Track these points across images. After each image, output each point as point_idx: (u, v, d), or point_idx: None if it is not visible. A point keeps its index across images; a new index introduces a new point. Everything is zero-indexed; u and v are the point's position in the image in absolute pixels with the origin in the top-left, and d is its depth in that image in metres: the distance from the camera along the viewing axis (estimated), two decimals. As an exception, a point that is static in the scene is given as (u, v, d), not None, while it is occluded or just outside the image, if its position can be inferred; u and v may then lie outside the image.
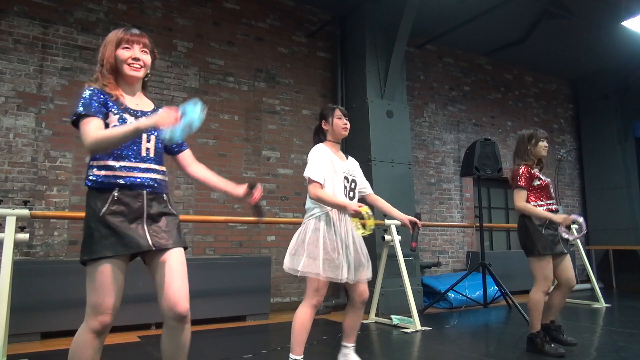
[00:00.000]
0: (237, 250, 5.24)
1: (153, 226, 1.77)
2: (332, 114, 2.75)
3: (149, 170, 1.79)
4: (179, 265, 1.78)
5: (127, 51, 1.80)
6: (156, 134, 1.82)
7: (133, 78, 1.83)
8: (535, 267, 3.27)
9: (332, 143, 2.76)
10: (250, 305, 4.66)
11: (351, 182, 2.71)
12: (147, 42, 1.85)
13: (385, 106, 5.69)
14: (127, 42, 1.80)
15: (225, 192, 2.08)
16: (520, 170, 3.36)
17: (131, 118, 1.77)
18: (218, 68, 5.45)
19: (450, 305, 5.52)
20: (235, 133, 5.45)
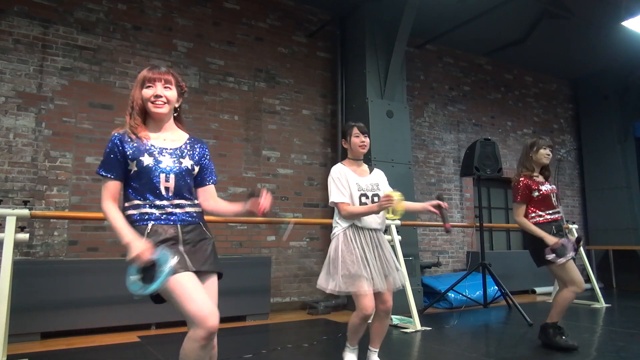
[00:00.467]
0: (237, 250, 5.24)
1: (189, 248, 1.82)
2: (351, 132, 2.79)
3: (175, 206, 1.85)
4: (212, 291, 1.85)
5: (150, 89, 1.85)
6: (177, 173, 1.86)
7: (158, 115, 1.88)
8: (560, 274, 3.32)
9: (353, 161, 2.82)
10: (250, 305, 4.66)
11: (372, 198, 2.72)
12: (170, 79, 1.89)
13: (385, 106, 5.69)
14: (150, 80, 1.86)
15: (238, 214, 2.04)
16: (519, 184, 3.41)
17: (150, 159, 1.82)
18: (218, 68, 5.45)
19: (450, 305, 5.52)
20: (235, 133, 5.45)
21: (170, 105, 1.90)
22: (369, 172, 2.85)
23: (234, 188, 5.35)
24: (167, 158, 1.86)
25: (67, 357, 3.32)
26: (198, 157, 1.97)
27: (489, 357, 3.28)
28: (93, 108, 4.70)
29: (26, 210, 3.15)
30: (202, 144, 2.04)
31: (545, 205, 3.39)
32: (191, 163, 1.92)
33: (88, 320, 3.88)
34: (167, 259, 1.64)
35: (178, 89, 1.93)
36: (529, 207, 3.40)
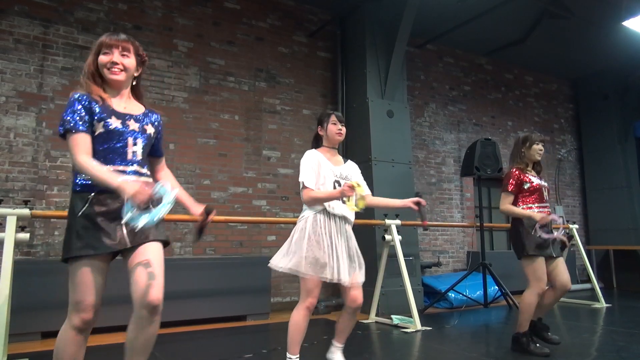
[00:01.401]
0: (238, 250, 5.24)
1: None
2: (328, 119, 2.77)
3: (134, 173, 1.82)
4: (156, 257, 1.78)
5: (107, 56, 1.82)
6: (143, 138, 1.86)
7: (115, 82, 1.85)
8: (527, 269, 3.26)
9: (328, 148, 2.79)
10: (251, 305, 4.66)
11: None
12: (128, 46, 1.86)
13: (385, 106, 5.69)
14: (107, 46, 1.83)
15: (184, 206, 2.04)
16: (510, 173, 3.38)
17: (117, 121, 1.80)
18: (218, 68, 5.45)
19: (451, 305, 5.51)
20: (235, 133, 5.45)
21: (128, 73, 1.86)
22: (343, 162, 2.83)
23: (234, 188, 5.34)
24: (132, 123, 1.85)
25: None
26: (157, 126, 1.97)
27: (489, 357, 3.28)
28: (93, 108, 4.70)
29: (27, 209, 3.15)
30: (157, 114, 2.02)
31: (534, 198, 3.33)
32: (153, 130, 1.93)
33: (88, 320, 3.87)
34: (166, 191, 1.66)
35: (137, 58, 1.90)
36: (518, 200, 3.34)
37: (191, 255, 4.96)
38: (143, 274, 1.72)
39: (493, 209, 7.92)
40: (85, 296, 1.72)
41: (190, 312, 4.33)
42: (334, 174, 2.69)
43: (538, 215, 3.23)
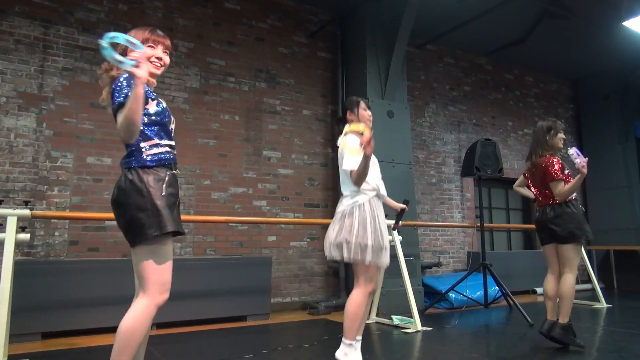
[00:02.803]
0: (238, 250, 5.24)
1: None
2: (358, 105, 2.83)
3: (172, 147, 1.98)
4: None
5: (152, 50, 1.94)
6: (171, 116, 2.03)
7: (153, 75, 1.98)
8: (572, 253, 3.27)
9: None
10: (251, 306, 4.66)
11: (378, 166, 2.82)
12: (169, 44, 2.03)
13: (385, 106, 5.69)
14: (153, 41, 1.96)
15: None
16: (553, 161, 3.34)
17: (163, 102, 1.98)
18: (219, 68, 5.45)
19: (451, 306, 5.51)
20: (235, 133, 5.45)
21: (164, 68, 2.02)
22: None
23: (234, 188, 5.34)
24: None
25: (68, 357, 3.32)
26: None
27: (489, 357, 3.28)
28: (94, 108, 4.70)
29: (27, 210, 3.15)
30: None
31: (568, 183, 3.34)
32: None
33: (89, 320, 3.88)
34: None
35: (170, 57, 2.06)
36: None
37: (191, 255, 4.96)
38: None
39: (493, 209, 7.92)
40: (169, 276, 1.85)
41: (191, 313, 4.33)
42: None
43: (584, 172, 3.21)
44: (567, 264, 3.30)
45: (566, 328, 3.31)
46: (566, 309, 3.31)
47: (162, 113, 1.92)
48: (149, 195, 1.80)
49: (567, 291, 3.28)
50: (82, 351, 3.44)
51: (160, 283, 1.82)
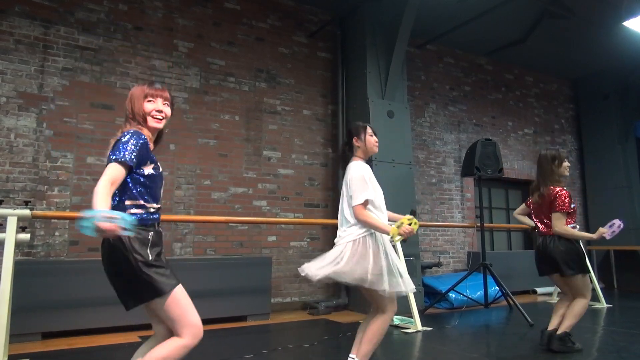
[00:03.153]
0: (238, 250, 5.24)
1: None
2: (365, 131, 2.77)
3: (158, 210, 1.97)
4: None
5: (152, 104, 1.95)
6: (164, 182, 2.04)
7: (156, 129, 1.98)
8: (581, 283, 3.33)
9: (362, 159, 2.78)
10: (251, 306, 4.66)
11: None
12: (169, 96, 2.01)
13: (385, 106, 5.69)
14: (152, 96, 1.96)
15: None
16: (563, 193, 3.33)
17: (159, 166, 1.95)
18: (219, 68, 5.45)
19: (451, 306, 5.51)
20: (235, 133, 5.45)
21: (166, 121, 1.99)
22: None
23: (234, 188, 5.34)
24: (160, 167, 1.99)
25: (68, 357, 3.32)
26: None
27: (489, 357, 3.28)
28: (94, 108, 4.71)
29: (27, 210, 3.16)
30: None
31: (573, 217, 3.41)
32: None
33: (89, 320, 3.88)
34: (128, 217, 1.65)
35: (171, 107, 2.03)
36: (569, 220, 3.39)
37: (191, 255, 4.96)
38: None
39: (493, 210, 7.92)
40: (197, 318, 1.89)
41: (191, 313, 4.31)
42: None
43: (594, 235, 3.39)
44: (579, 292, 3.34)
45: (564, 338, 3.32)
46: (569, 323, 3.33)
47: (155, 178, 1.91)
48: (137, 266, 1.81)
49: (577, 311, 3.32)
50: (82, 351, 3.45)
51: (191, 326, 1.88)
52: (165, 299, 1.84)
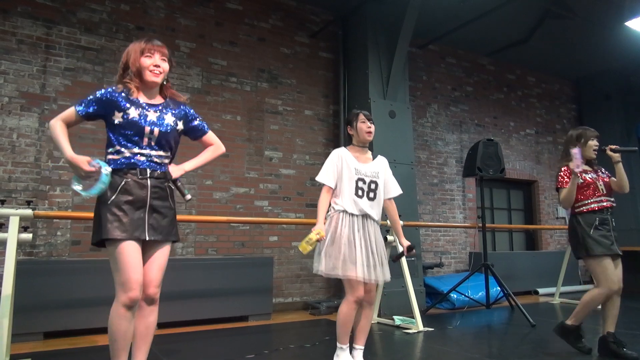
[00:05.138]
0: (240, 250, 5.24)
1: (153, 215, 2.07)
2: (357, 118, 2.87)
3: (148, 156, 2.08)
4: (161, 259, 2.11)
5: (149, 59, 2.08)
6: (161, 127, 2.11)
7: (153, 83, 2.11)
8: (595, 268, 3.21)
9: (357, 147, 2.89)
10: (253, 306, 4.66)
11: (369, 184, 2.81)
12: (166, 52, 2.15)
13: (387, 106, 5.69)
14: (150, 50, 2.08)
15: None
16: (561, 171, 3.28)
17: (136, 111, 2.06)
18: (220, 68, 5.45)
19: (453, 306, 5.51)
20: (237, 133, 5.45)
21: (164, 75, 2.14)
22: (372, 159, 2.91)
23: (236, 188, 5.35)
24: (151, 113, 2.10)
25: (69, 356, 3.33)
26: (181, 115, 2.23)
27: (491, 358, 3.27)
28: (96, 108, 4.70)
29: (29, 210, 3.16)
30: (182, 105, 2.27)
31: (589, 193, 3.26)
32: (174, 119, 2.18)
33: (91, 320, 3.88)
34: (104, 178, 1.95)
35: (170, 63, 2.18)
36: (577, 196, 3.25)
37: (193, 255, 4.96)
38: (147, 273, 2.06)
39: (495, 210, 7.91)
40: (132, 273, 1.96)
41: (192, 313, 4.33)
42: (357, 172, 2.78)
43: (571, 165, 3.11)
44: (594, 278, 3.26)
45: (568, 329, 3.29)
46: (577, 312, 3.29)
47: (126, 125, 2.03)
48: (97, 203, 2.04)
49: (586, 298, 3.26)
50: (84, 351, 3.45)
51: (120, 283, 1.96)
52: (109, 248, 1.99)
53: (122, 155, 2.03)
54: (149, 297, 2.06)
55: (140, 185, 2.03)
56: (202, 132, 2.34)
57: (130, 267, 1.94)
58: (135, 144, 2.04)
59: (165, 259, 2.12)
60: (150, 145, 2.07)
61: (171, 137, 2.15)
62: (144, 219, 2.02)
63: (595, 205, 3.25)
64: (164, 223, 2.09)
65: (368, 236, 2.72)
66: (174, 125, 2.16)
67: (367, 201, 2.76)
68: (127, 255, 1.95)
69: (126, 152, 2.03)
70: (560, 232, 8.18)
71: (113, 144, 2.05)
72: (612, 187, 3.38)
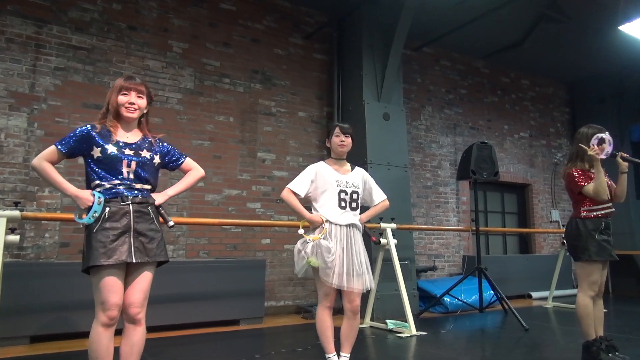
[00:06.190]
0: (232, 253, 5.21)
1: (139, 239, 2.16)
2: (332, 132, 2.93)
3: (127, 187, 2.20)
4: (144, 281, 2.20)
5: (125, 97, 2.23)
6: (137, 160, 2.24)
7: (128, 118, 2.27)
8: (582, 272, 3.17)
9: (334, 160, 2.96)
10: (244, 309, 4.63)
11: (352, 194, 2.88)
12: (143, 89, 2.29)
13: (381, 109, 5.69)
14: (126, 89, 2.24)
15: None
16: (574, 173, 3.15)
17: (115, 148, 2.19)
18: (214, 69, 5.42)
19: (446, 310, 5.50)
20: (230, 135, 5.42)
21: (140, 111, 2.29)
22: (351, 170, 2.99)
23: (228, 190, 5.32)
24: (128, 150, 2.24)
25: (56, 361, 3.28)
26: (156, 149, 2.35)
27: (484, 363, 3.26)
28: (86, 108, 4.67)
29: (17, 211, 3.11)
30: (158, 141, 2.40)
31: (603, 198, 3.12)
32: (150, 154, 2.30)
33: (79, 324, 3.83)
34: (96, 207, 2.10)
35: (148, 98, 2.32)
36: (583, 201, 3.18)
37: (184, 258, 4.92)
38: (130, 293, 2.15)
39: (489, 213, 7.93)
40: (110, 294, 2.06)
41: (183, 316, 4.29)
42: (339, 184, 2.84)
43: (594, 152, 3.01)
44: (579, 279, 3.21)
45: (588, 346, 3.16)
46: (582, 328, 3.17)
47: (104, 159, 2.17)
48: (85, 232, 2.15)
49: (579, 311, 3.16)
50: (71, 355, 3.40)
51: (100, 302, 2.06)
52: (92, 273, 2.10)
53: (103, 188, 2.16)
54: (131, 318, 2.14)
55: (123, 211, 2.14)
56: (179, 162, 2.46)
57: (109, 289, 2.06)
58: (115, 177, 2.18)
59: (148, 280, 2.21)
60: (130, 178, 2.21)
61: (149, 171, 2.28)
62: (129, 243, 2.12)
63: (604, 212, 3.21)
64: (151, 245, 2.19)
65: (352, 246, 2.78)
66: (150, 158, 2.29)
67: (350, 211, 2.84)
68: (107, 278, 2.06)
69: (106, 184, 2.16)
70: (554, 236, 8.20)
71: (93, 178, 2.18)
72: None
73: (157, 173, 2.37)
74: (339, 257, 2.71)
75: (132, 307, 2.13)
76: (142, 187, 2.24)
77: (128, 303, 2.13)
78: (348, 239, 2.78)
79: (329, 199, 2.82)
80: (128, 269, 2.16)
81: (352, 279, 2.71)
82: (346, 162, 3.00)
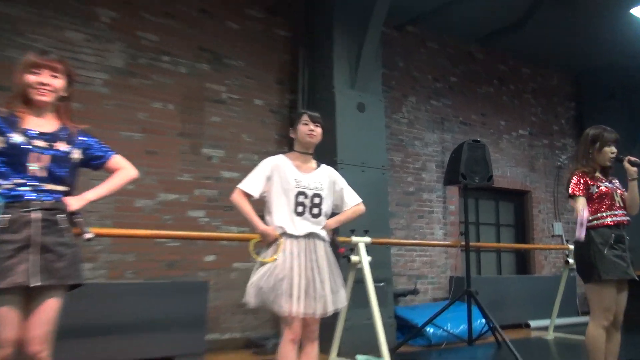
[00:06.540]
0: (167, 272, 5.08)
1: (45, 255, 2.09)
2: (299, 119, 2.91)
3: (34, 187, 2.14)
4: (50, 310, 2.14)
5: (35, 76, 2.17)
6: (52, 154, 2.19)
7: (40, 102, 2.21)
8: (593, 296, 3.21)
9: (299, 154, 2.93)
10: (181, 343, 4.52)
11: (312, 197, 2.84)
12: (59, 67, 2.23)
13: (356, 98, 5.68)
14: (37, 66, 2.18)
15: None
16: (572, 177, 3.28)
17: (22, 138, 2.14)
18: (150, 44, 5.30)
19: (429, 342, 5.51)
20: (168, 125, 5.31)
21: (56, 94, 2.23)
22: (315, 168, 2.95)
23: (164, 194, 5.17)
24: (39, 140, 2.18)
25: None
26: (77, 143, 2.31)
27: (472, 410, 3.21)
28: None
29: None
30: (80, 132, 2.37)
31: (606, 205, 3.26)
32: (68, 147, 2.26)
33: None
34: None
35: (67, 78, 2.27)
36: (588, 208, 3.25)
37: (106, 279, 4.77)
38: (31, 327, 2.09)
39: (481, 225, 7.99)
40: (4, 332, 2.03)
41: (103, 354, 4.14)
42: (297, 185, 2.81)
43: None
44: (590, 307, 3.25)
45: None
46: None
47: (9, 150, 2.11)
48: None
49: (589, 342, 3.20)
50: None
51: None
52: None
53: (2, 188, 2.09)
54: (31, 357, 2.09)
55: (23, 219, 2.08)
56: (104, 159, 2.43)
57: (0, 321, 2.02)
58: (19, 173, 2.12)
59: (54, 309, 2.15)
60: (37, 177, 2.15)
61: (63, 168, 2.23)
62: (30, 261, 2.05)
63: (611, 220, 3.26)
64: (59, 264, 2.12)
65: (313, 261, 2.73)
66: (67, 152, 2.24)
67: (311, 218, 2.81)
68: (5, 309, 2.02)
69: (7, 184, 2.10)
70: (557, 253, 8.34)
71: None
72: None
73: (76, 172, 2.32)
74: (297, 277, 2.65)
75: (32, 344, 2.07)
76: (54, 188, 2.19)
77: (28, 338, 2.06)
78: (307, 253, 2.74)
79: (284, 203, 2.80)
80: (30, 294, 2.09)
81: (312, 302, 2.66)
82: (312, 159, 2.98)
